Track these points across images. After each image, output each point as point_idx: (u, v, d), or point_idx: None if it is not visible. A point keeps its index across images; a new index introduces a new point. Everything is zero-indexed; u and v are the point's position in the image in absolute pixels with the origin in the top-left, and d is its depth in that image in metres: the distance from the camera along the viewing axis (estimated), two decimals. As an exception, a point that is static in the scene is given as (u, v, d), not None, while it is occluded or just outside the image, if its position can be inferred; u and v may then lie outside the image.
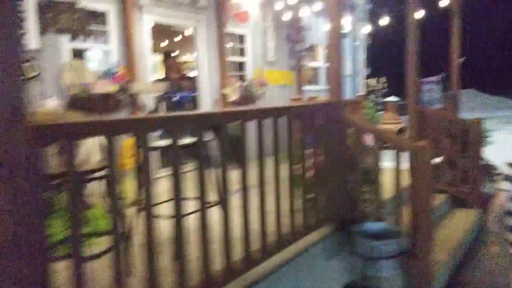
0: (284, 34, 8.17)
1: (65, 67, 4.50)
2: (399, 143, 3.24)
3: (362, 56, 10.39)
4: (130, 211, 2.64)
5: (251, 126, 2.60)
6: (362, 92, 10.18)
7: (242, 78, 7.20)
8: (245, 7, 7.08)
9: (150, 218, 1.98)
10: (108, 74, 4.89)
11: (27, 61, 4.18)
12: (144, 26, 5.39)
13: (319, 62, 9.59)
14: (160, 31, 6.84)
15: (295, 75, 8.56)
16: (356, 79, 10.49)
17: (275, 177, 2.72)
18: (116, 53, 5.07)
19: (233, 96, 6.44)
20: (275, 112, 2.77)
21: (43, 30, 4.31)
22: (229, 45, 6.99)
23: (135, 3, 5.19)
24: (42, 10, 4.28)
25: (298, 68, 8.56)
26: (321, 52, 9.59)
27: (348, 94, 9.43)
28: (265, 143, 2.70)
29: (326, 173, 3.19)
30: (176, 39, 8.94)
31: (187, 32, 6.67)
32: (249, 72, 7.32)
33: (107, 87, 4.66)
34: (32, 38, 4.20)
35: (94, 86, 4.60)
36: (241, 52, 7.32)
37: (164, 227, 2.46)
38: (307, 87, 9.04)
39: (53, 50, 4.42)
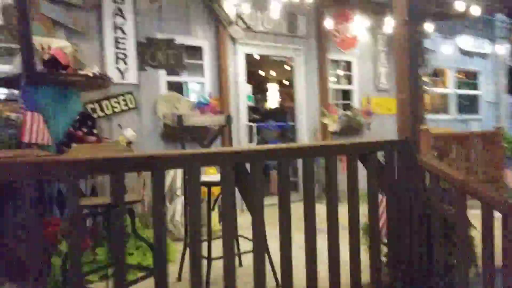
0: (400, 58, 7.43)
1: (160, 99, 4.90)
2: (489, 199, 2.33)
3: (504, 80, 8.73)
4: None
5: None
6: (503, 122, 8.48)
7: (348, 107, 6.75)
8: (352, 32, 6.72)
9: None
10: (200, 105, 5.15)
11: (129, 93, 4.70)
12: (238, 58, 5.55)
13: (449, 88, 8.41)
14: (262, 61, 6.97)
15: (415, 103, 7.64)
16: (499, 107, 8.82)
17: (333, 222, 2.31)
18: (209, 85, 5.31)
19: (334, 126, 6.07)
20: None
21: (143, 66, 4.80)
22: (334, 72, 6.69)
23: (228, 38, 5.41)
24: (142, 48, 4.79)
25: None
26: (451, 77, 8.41)
27: (489, 124, 8.03)
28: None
29: (396, 223, 2.59)
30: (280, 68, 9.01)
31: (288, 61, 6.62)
32: (356, 100, 6.83)
33: (199, 118, 4.88)
34: (132, 73, 4.71)
35: (187, 117, 4.87)
36: (349, 79, 6.90)
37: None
38: (431, 116, 7.97)
39: (151, 84, 4.85)
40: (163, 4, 4.96)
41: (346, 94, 6.93)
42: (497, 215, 2.20)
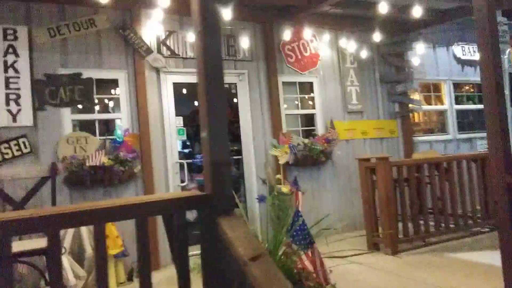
0: (375, 74, 6.52)
1: (62, 140, 4.41)
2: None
3: (507, 91, 7.42)
4: None
5: None
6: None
7: (312, 134, 5.92)
8: (311, 49, 5.95)
9: None
10: (116, 143, 4.61)
11: (22, 137, 4.26)
12: (164, 88, 4.97)
13: (445, 104, 7.27)
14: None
15: (400, 124, 6.63)
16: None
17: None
18: (126, 121, 4.77)
19: (285, 158, 5.27)
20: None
21: (41, 106, 4.36)
22: (293, 96, 5.92)
23: (150, 67, 4.87)
24: (40, 85, 4.36)
25: (402, 115, 6.62)
26: (447, 91, 7.28)
27: None
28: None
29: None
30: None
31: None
32: (320, 126, 5.97)
33: (101, 159, 4.34)
34: (26, 114, 4.28)
35: (88, 158, 4.35)
36: (313, 102, 6.09)
37: None
38: (425, 138, 6.91)
39: (52, 125, 4.39)
40: (68, 36, 4.53)
41: (310, 120, 6.11)
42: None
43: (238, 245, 1.64)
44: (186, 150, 8.95)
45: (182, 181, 5.04)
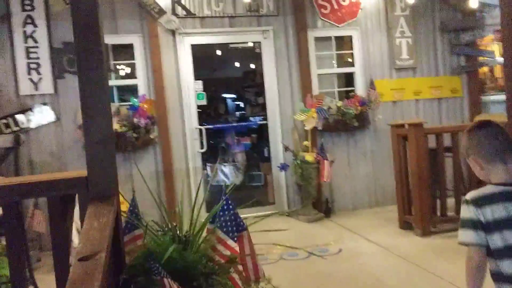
0: (434, 21, 5.48)
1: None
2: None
3: None
4: None
5: None
6: None
7: (350, 94, 5.28)
8: (351, -2, 5.19)
9: None
10: (132, 109, 4.64)
11: (45, 104, 4.49)
12: (181, 51, 4.78)
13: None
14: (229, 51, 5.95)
15: (465, 81, 5.58)
16: None
17: None
18: (143, 86, 4.72)
19: (311, 123, 4.81)
20: None
21: (60, 74, 4.51)
22: (329, 53, 5.29)
23: (164, 30, 4.69)
24: (58, 54, 4.49)
25: (469, 70, 5.54)
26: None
27: None
28: None
29: None
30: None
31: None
32: (360, 86, 5.28)
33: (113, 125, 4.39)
34: (47, 82, 4.47)
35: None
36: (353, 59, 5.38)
37: None
38: (497, 97, 5.76)
39: (72, 92, 4.52)
40: (84, 3, 4.54)
41: (350, 80, 5.43)
42: None
43: (81, 240, 1.43)
44: (238, 113, 8.85)
45: (202, 147, 4.92)
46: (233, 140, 6.98)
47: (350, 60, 5.39)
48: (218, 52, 6.34)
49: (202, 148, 4.92)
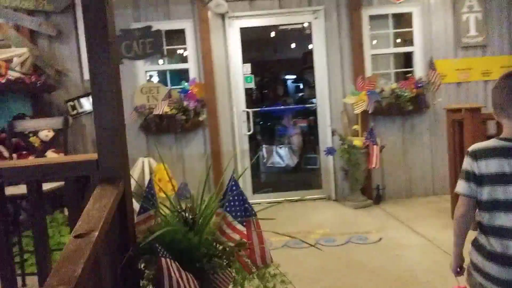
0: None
1: (137, 91, 4.84)
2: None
3: None
4: None
5: None
6: None
7: (407, 75, 4.95)
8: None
9: None
10: (183, 93, 4.85)
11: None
12: (230, 35, 4.83)
13: None
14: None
15: (546, 60, 4.92)
16: None
17: None
18: (193, 70, 4.87)
19: (360, 106, 4.64)
20: None
21: (119, 59, 4.82)
22: (385, 32, 4.97)
23: (214, 14, 4.76)
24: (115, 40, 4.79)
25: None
26: None
27: None
28: None
29: None
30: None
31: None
32: (419, 67, 4.91)
33: (164, 108, 4.63)
34: (107, 68, 4.80)
35: (156, 108, 4.70)
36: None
37: None
38: None
39: (129, 76, 4.82)
40: (139, -9, 4.79)
41: (408, 61, 5.07)
42: None
43: (81, 219, 1.57)
44: (297, 95, 8.72)
45: (249, 130, 4.98)
46: (289, 122, 6.95)
47: (408, 38, 5.02)
48: (272, 34, 6.27)
49: (249, 131, 4.98)
